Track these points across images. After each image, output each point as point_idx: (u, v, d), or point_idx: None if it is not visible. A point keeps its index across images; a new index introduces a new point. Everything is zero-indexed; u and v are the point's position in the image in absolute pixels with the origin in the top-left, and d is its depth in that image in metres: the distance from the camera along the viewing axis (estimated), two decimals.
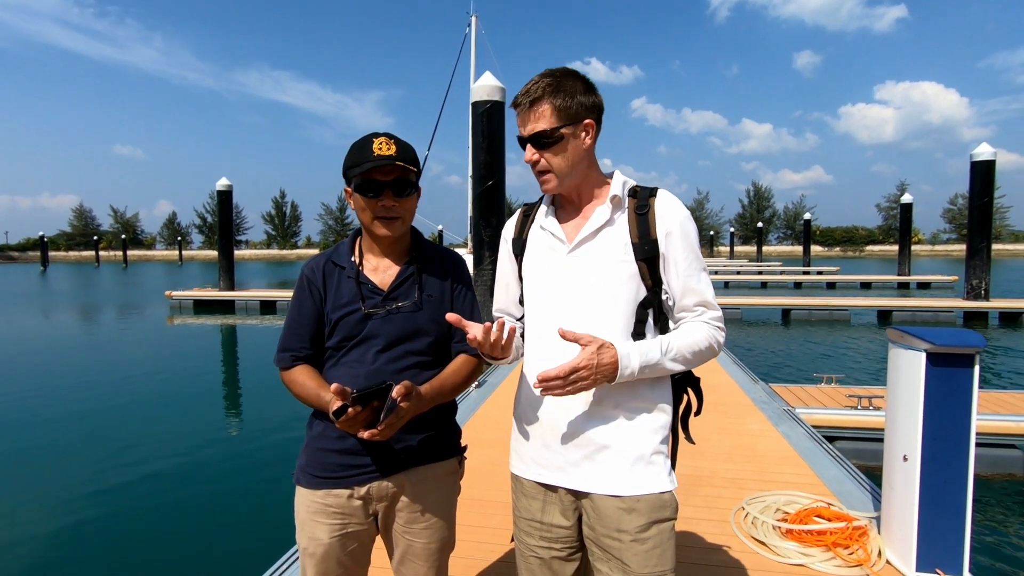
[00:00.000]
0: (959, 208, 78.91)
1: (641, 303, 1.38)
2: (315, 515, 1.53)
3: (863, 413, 5.46)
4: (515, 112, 1.42)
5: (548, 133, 1.36)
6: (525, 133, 1.38)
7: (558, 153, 1.37)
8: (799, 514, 2.94)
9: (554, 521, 1.45)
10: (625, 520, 1.35)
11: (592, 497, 1.40)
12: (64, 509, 4.83)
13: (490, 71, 8.19)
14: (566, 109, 1.36)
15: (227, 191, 22.01)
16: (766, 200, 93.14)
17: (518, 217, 1.59)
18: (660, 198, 1.42)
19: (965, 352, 2.39)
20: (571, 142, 1.38)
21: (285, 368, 1.55)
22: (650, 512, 1.36)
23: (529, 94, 1.36)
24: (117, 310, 21.66)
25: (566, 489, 1.43)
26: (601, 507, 1.38)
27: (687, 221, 1.41)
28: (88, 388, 9.24)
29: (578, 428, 1.39)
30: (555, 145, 1.37)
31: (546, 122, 1.36)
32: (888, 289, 25.69)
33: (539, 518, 1.47)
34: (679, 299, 1.40)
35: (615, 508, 1.37)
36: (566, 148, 1.37)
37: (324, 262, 1.59)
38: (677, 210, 1.40)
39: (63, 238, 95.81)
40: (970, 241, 16.08)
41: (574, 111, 1.36)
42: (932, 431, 2.45)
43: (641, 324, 1.39)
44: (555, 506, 1.45)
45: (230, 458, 6.19)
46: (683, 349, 1.35)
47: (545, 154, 1.38)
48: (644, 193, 1.43)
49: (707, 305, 1.41)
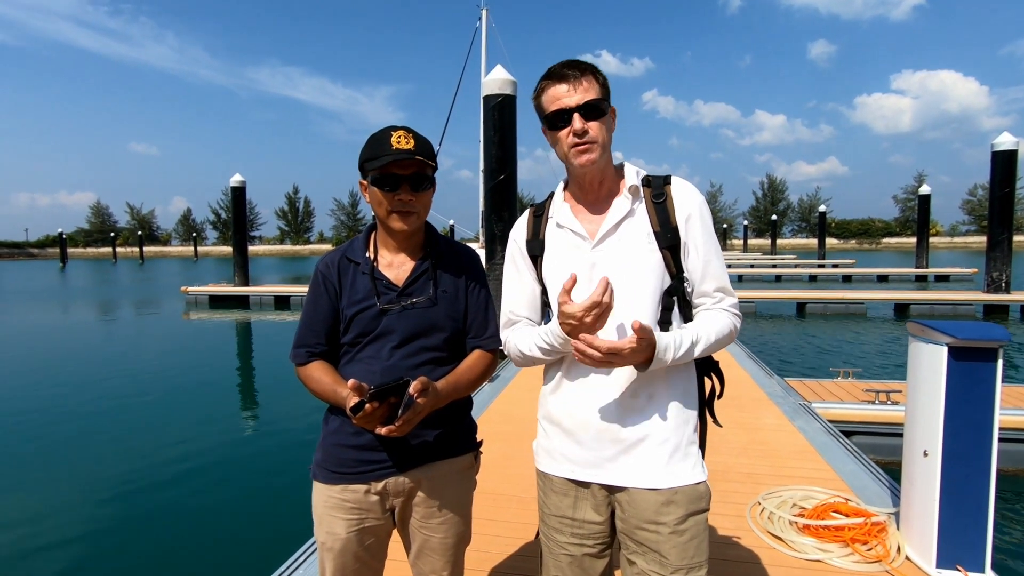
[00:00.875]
0: (978, 199, 77.40)
1: (667, 291, 1.39)
2: (332, 510, 1.53)
3: (881, 408, 5.39)
4: (547, 88, 1.38)
5: (597, 103, 1.35)
6: (573, 103, 1.34)
7: (604, 125, 1.38)
8: (816, 509, 2.91)
9: (586, 517, 1.45)
10: (663, 512, 1.36)
11: (628, 491, 1.39)
12: (81, 502, 4.92)
13: (501, 65, 8.15)
14: (605, 86, 1.39)
15: (241, 187, 22.17)
16: (780, 192, 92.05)
17: (528, 218, 1.55)
18: (675, 185, 1.43)
19: (989, 346, 2.35)
20: (610, 120, 1.41)
21: (301, 364, 1.55)
22: (688, 503, 1.37)
23: (575, 66, 1.37)
24: (134, 306, 21.96)
25: (599, 484, 1.43)
26: (638, 500, 1.38)
27: (703, 206, 1.43)
28: (106, 383, 9.38)
29: (612, 423, 1.39)
30: (603, 117, 1.37)
31: (595, 92, 1.36)
32: (906, 282, 25.32)
33: (570, 515, 1.46)
34: (699, 284, 1.41)
35: (653, 501, 1.37)
36: (608, 123, 1.40)
37: (339, 258, 1.59)
38: (694, 195, 1.42)
39: (81, 235, 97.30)
40: (991, 233, 15.78)
41: (609, 91, 1.40)
42: (954, 426, 2.41)
43: (667, 312, 1.40)
44: (587, 502, 1.45)
45: (246, 452, 6.27)
46: (710, 337, 1.37)
47: (591, 124, 1.36)
48: (658, 181, 1.43)
49: (725, 291, 1.43)
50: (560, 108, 1.35)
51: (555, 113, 1.37)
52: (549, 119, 1.39)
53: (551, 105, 1.37)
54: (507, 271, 1.59)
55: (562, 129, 1.37)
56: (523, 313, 1.57)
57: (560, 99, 1.36)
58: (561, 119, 1.36)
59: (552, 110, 1.37)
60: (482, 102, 8.04)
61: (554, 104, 1.36)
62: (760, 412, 4.96)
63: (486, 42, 26.52)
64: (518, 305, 1.56)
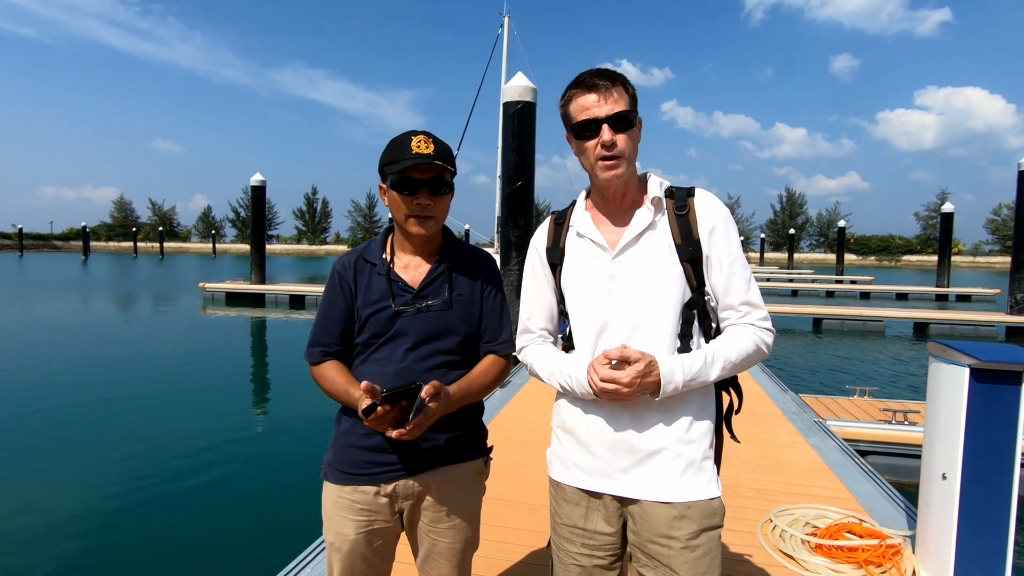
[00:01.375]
0: (1003, 219, 76.07)
1: (687, 304, 1.37)
2: (342, 511, 1.54)
3: (898, 428, 5.29)
4: (575, 96, 1.36)
5: (627, 115, 1.34)
6: (603, 114, 1.32)
7: (631, 137, 1.36)
8: (829, 529, 2.86)
9: (598, 528, 1.43)
10: (676, 527, 1.34)
11: (641, 503, 1.38)
12: (89, 495, 4.97)
13: (522, 72, 8.18)
14: (634, 97, 1.37)
15: (261, 186, 22.46)
16: (799, 206, 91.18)
17: (549, 226, 1.54)
18: (699, 197, 1.40)
19: (1013, 369, 2.30)
20: (637, 132, 1.39)
21: (315, 363, 1.56)
22: (701, 519, 1.34)
23: (606, 76, 1.35)
24: (153, 300, 22.29)
25: (612, 495, 1.41)
26: (651, 513, 1.36)
27: (728, 219, 1.39)
28: (120, 376, 9.52)
29: (627, 434, 1.37)
30: (631, 129, 1.36)
31: (624, 104, 1.34)
32: (926, 301, 24.86)
33: (582, 525, 1.45)
34: (722, 297, 1.38)
35: (666, 515, 1.35)
36: (635, 135, 1.38)
37: (355, 259, 1.60)
38: (717, 208, 1.39)
39: (104, 228, 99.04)
40: (1015, 253, 15.50)
41: (637, 102, 1.38)
42: (974, 449, 2.36)
43: (688, 325, 1.37)
44: (599, 512, 1.43)
45: (257, 448, 6.31)
46: (729, 357, 1.34)
47: (619, 137, 1.34)
48: (681, 193, 1.41)
49: (751, 304, 1.37)
50: (589, 118, 1.33)
51: (583, 123, 1.34)
52: (577, 128, 1.36)
53: (580, 114, 1.35)
54: (526, 278, 1.59)
55: (590, 139, 1.35)
56: (539, 323, 1.56)
57: (589, 108, 1.34)
58: (589, 129, 1.34)
59: (580, 119, 1.35)
60: (501, 108, 8.06)
61: (583, 113, 1.34)
62: (774, 428, 4.90)
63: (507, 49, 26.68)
64: (534, 314, 1.56)
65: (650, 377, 1.28)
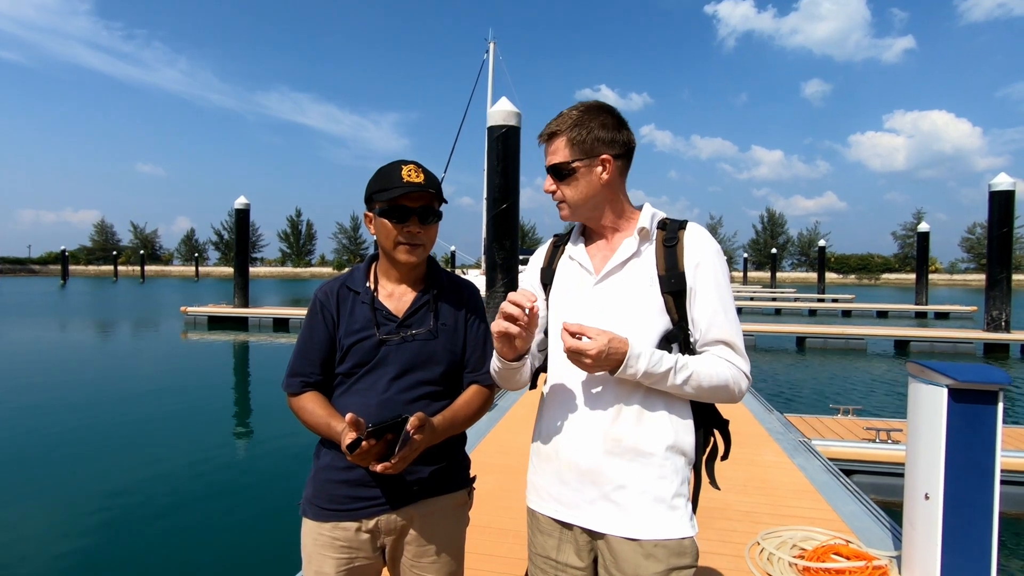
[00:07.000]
0: (977, 237, 77.83)
1: (665, 336, 1.36)
2: (322, 548, 1.50)
3: (881, 447, 5.33)
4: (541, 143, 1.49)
5: (561, 166, 1.42)
6: (547, 163, 1.45)
7: (571, 185, 1.42)
8: (816, 551, 2.86)
9: (568, 561, 1.41)
10: (643, 566, 1.31)
11: (608, 539, 1.36)
12: (68, 525, 4.82)
13: (506, 96, 8.31)
14: (580, 144, 1.40)
15: (245, 209, 22.32)
16: (780, 226, 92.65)
17: (548, 247, 1.61)
18: (689, 231, 1.40)
19: (989, 389, 2.34)
20: (585, 176, 1.41)
21: (294, 394, 1.54)
22: (668, 558, 1.31)
23: (548, 128, 1.44)
24: (133, 324, 21.90)
25: (582, 528, 1.39)
26: (618, 550, 1.34)
27: (717, 255, 1.38)
28: (99, 402, 9.29)
29: (596, 465, 1.35)
30: (568, 178, 1.42)
31: (560, 156, 1.42)
32: (905, 319, 25.27)
33: (554, 556, 1.43)
34: (703, 334, 1.36)
35: (632, 552, 1.32)
36: (579, 181, 1.42)
37: (338, 287, 1.59)
38: (707, 243, 1.39)
39: (83, 252, 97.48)
40: (990, 271, 15.82)
41: (588, 146, 1.39)
42: (955, 469, 2.38)
43: None
44: (570, 545, 1.41)
45: (235, 478, 6.15)
46: (699, 374, 1.30)
47: (560, 185, 1.44)
48: (673, 226, 1.42)
49: (732, 346, 1.35)
50: (546, 165, 1.47)
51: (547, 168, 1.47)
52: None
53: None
54: None
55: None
56: None
57: (546, 156, 1.46)
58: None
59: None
60: (487, 132, 8.16)
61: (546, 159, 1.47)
62: (759, 448, 4.91)
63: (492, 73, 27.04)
64: None
65: (615, 350, 1.25)
